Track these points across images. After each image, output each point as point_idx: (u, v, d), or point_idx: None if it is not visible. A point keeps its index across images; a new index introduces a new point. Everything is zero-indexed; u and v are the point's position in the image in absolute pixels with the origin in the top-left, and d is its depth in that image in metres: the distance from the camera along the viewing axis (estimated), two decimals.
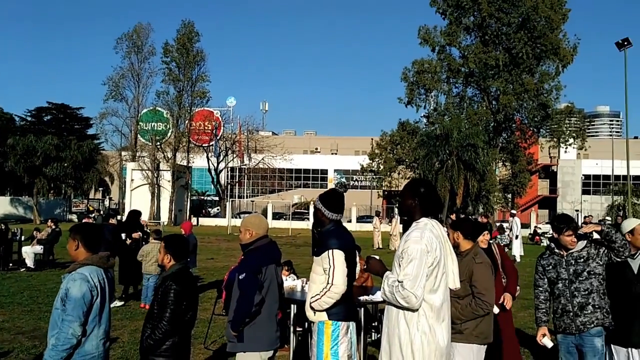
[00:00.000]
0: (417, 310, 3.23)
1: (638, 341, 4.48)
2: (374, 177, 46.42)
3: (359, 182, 63.19)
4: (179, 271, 3.99)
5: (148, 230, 11.53)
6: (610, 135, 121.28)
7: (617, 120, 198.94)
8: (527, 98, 38.42)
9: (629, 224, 4.74)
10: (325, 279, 3.86)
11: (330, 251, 3.85)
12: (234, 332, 4.05)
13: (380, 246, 24.57)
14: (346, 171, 65.97)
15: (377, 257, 3.70)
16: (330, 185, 63.08)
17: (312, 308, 3.94)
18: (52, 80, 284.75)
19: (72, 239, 3.71)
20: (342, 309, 3.95)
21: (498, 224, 24.03)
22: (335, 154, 69.48)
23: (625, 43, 31.93)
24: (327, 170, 67.45)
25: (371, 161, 44.00)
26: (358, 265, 4.39)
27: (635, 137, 78.10)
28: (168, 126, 49.42)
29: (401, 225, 11.18)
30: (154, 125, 49.32)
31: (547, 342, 4.53)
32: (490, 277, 4.29)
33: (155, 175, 45.64)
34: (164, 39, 67.62)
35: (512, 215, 22.03)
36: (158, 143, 47.83)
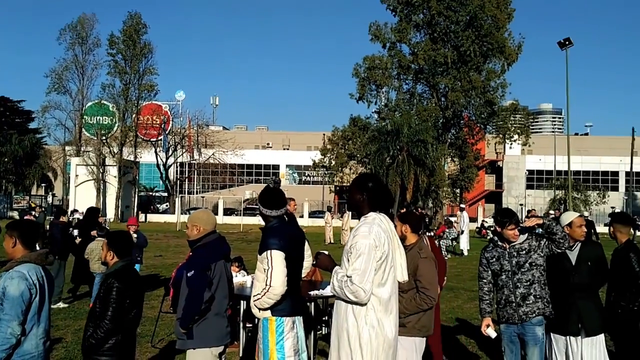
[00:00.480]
0: (365, 304, 3.26)
1: (575, 329, 4.66)
2: (326, 172, 46.59)
3: (311, 178, 63.35)
4: (122, 268, 3.91)
5: (108, 228, 11.21)
6: (553, 131, 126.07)
7: (559, 118, 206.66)
8: (475, 95, 39.32)
9: (567, 217, 4.92)
10: (264, 279, 3.84)
11: (269, 252, 3.84)
12: (183, 329, 3.99)
13: (332, 241, 24.71)
14: (298, 166, 65.97)
15: (326, 253, 3.71)
16: (283, 180, 62.98)
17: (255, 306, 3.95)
18: None
19: (9, 236, 3.59)
20: (287, 305, 3.95)
21: (446, 219, 24.54)
22: (287, 149, 69.37)
23: (567, 42, 33.14)
24: (279, 165, 67.25)
25: (323, 156, 44.14)
26: (310, 258, 4.39)
27: (576, 134, 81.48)
28: (114, 120, 48.06)
29: (357, 221, 11.14)
30: (99, 119, 47.88)
31: (491, 333, 4.65)
32: (435, 272, 4.38)
33: (101, 171, 44.32)
34: (109, 30, 65.46)
35: (461, 210, 22.56)
36: (104, 137, 46.46)
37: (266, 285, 3.80)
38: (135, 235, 10.71)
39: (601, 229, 27.63)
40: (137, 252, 10.53)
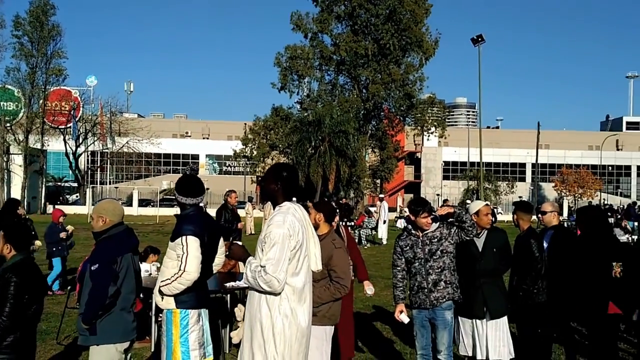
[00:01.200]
0: (279, 294, 3.25)
1: (481, 313, 4.86)
2: (247, 162, 46.12)
3: (232, 168, 62.52)
4: (21, 262, 3.70)
5: (28, 218, 10.48)
6: (468, 124, 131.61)
7: (473, 111, 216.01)
8: (394, 88, 40.18)
9: (475, 205, 5.14)
10: (178, 265, 3.78)
11: (184, 237, 3.79)
12: (86, 325, 3.79)
13: (253, 232, 24.52)
14: (218, 156, 64.85)
15: (240, 243, 3.69)
16: (202, 170, 61.73)
17: (160, 292, 3.85)
18: None
19: None
20: (192, 297, 3.89)
21: (366, 208, 24.99)
22: (207, 138, 67.95)
23: (480, 39, 34.57)
24: (198, 155, 65.77)
25: (244, 146, 43.63)
26: (222, 256, 4.32)
27: (488, 127, 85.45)
28: (20, 106, 45.10)
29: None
30: (3, 105, 44.78)
31: (404, 318, 4.78)
32: (348, 262, 4.42)
33: (5, 160, 41.46)
34: (15, 11, 61.32)
35: (381, 200, 23.00)
36: (8, 124, 43.45)
37: (179, 270, 3.73)
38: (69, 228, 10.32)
39: (509, 217, 29.05)
40: (65, 244, 10.15)
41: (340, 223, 6.16)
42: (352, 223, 20.50)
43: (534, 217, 6.15)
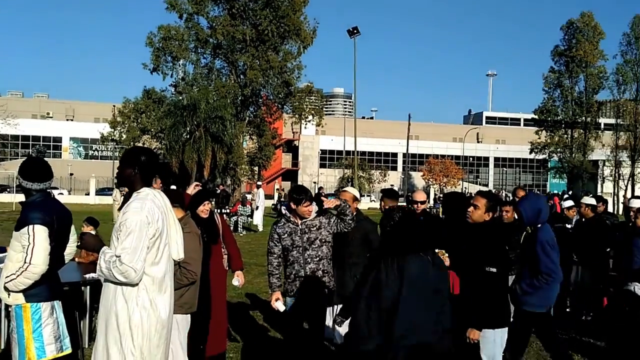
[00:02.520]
0: (137, 284, 3.09)
1: (338, 300, 4.97)
2: (116, 146, 43.58)
3: (100, 152, 58.85)
4: None
5: None
6: (344, 114, 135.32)
7: (350, 101, 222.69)
8: (272, 75, 40.00)
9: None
10: (23, 257, 3.44)
11: (31, 227, 3.47)
12: None
13: None
14: (84, 139, 60.64)
15: (93, 233, 3.45)
16: (65, 154, 57.43)
17: (6, 289, 3.51)
18: None
19: None
20: (44, 289, 3.59)
21: (243, 196, 24.72)
22: (71, 120, 63.19)
23: (355, 31, 35.54)
24: (61, 137, 61.00)
25: (113, 130, 41.15)
26: (74, 244, 3.98)
27: (363, 117, 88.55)
28: None
29: None
30: None
31: (280, 306, 4.72)
32: (197, 247, 4.25)
33: None
34: None
35: (257, 187, 22.87)
36: None
37: (25, 263, 3.41)
38: None
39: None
40: None
41: (215, 210, 5.97)
42: (228, 210, 20.20)
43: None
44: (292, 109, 43.99)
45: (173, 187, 8.18)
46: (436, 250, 3.62)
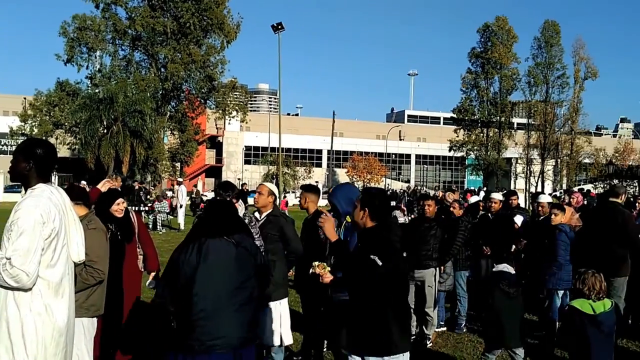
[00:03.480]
0: (30, 289, 2.85)
1: None
2: None
3: (9, 147, 55.16)
4: None
5: None
6: (269, 110, 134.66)
7: (275, 98, 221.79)
8: (195, 69, 39.10)
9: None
10: None
11: None
12: None
13: None
14: None
15: None
16: None
17: None
18: None
19: None
20: None
21: (164, 192, 23.94)
22: None
23: (280, 27, 35.23)
24: None
25: (23, 123, 38.67)
26: None
27: (288, 114, 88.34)
28: None
29: None
30: None
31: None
32: (104, 244, 4.00)
33: None
34: None
35: (179, 184, 22.21)
36: None
37: None
38: None
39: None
40: None
41: (131, 208, 5.77)
42: (146, 208, 19.45)
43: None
44: (215, 104, 43.15)
45: (83, 183, 7.68)
46: (316, 263, 3.82)
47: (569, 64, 49.98)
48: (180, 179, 23.95)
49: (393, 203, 19.34)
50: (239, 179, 53.56)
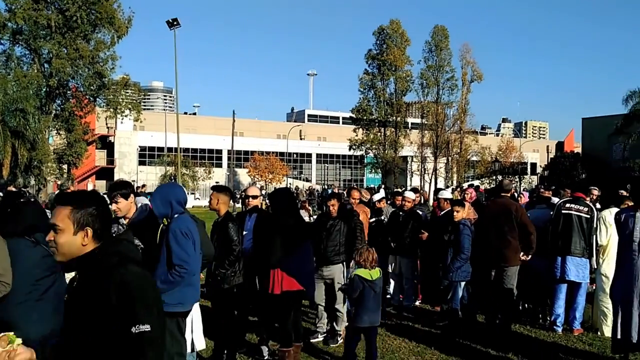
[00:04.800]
0: None
1: None
2: None
3: None
4: None
5: None
6: (165, 109, 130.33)
7: (171, 96, 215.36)
8: (83, 65, 36.90)
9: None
10: None
11: None
12: None
13: None
14: None
15: None
16: None
17: None
18: None
19: None
20: None
21: (50, 195, 22.29)
22: None
23: (175, 23, 34.20)
24: None
25: None
26: None
27: (186, 113, 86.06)
28: None
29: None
30: None
31: None
32: (6, 255, 3.61)
33: None
34: None
35: (60, 188, 20.86)
36: None
37: None
38: None
39: (205, 202, 29.49)
40: None
41: None
42: None
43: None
44: (106, 103, 40.93)
45: None
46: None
47: (457, 67, 52.89)
48: (58, 182, 22.44)
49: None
50: (133, 180, 51.27)
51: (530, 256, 6.87)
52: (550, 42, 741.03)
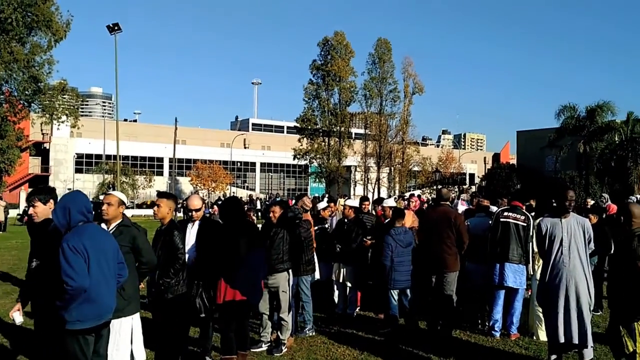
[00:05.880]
0: None
1: None
2: None
3: None
4: None
5: None
6: (104, 116, 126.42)
7: (110, 102, 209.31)
8: (17, 69, 35.34)
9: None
10: None
11: None
12: None
13: None
14: None
15: None
16: None
17: None
18: None
19: None
20: None
21: None
22: None
23: (116, 28, 33.35)
24: None
25: None
26: None
27: (126, 120, 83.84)
28: None
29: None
30: None
31: (17, 318, 4.58)
32: None
33: None
34: None
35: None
36: None
37: None
38: None
39: (148, 211, 28.77)
40: None
41: None
42: None
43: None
44: (41, 108, 39.34)
45: None
46: None
47: (400, 79, 54.05)
48: None
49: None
50: (69, 188, 49.43)
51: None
52: (488, 58, 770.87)
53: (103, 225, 4.72)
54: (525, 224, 7.21)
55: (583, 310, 5.45)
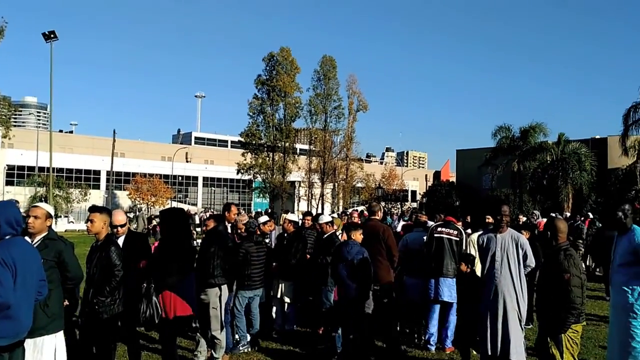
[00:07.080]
0: None
1: None
2: None
3: None
4: None
5: None
6: (38, 126, 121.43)
7: (45, 113, 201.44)
8: None
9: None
10: None
11: None
12: None
13: None
14: None
15: None
16: None
17: None
18: None
19: None
20: None
21: None
22: None
23: (52, 35, 32.23)
24: None
25: None
26: None
27: (61, 131, 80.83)
28: None
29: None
30: None
31: None
32: None
33: None
34: None
35: None
36: None
37: None
38: None
39: (82, 226, 27.73)
40: None
41: None
42: None
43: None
44: None
45: None
46: None
47: (344, 96, 54.72)
48: None
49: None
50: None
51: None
52: (431, 77, 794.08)
53: (27, 239, 4.48)
54: (458, 239, 7.37)
55: (509, 323, 5.59)
